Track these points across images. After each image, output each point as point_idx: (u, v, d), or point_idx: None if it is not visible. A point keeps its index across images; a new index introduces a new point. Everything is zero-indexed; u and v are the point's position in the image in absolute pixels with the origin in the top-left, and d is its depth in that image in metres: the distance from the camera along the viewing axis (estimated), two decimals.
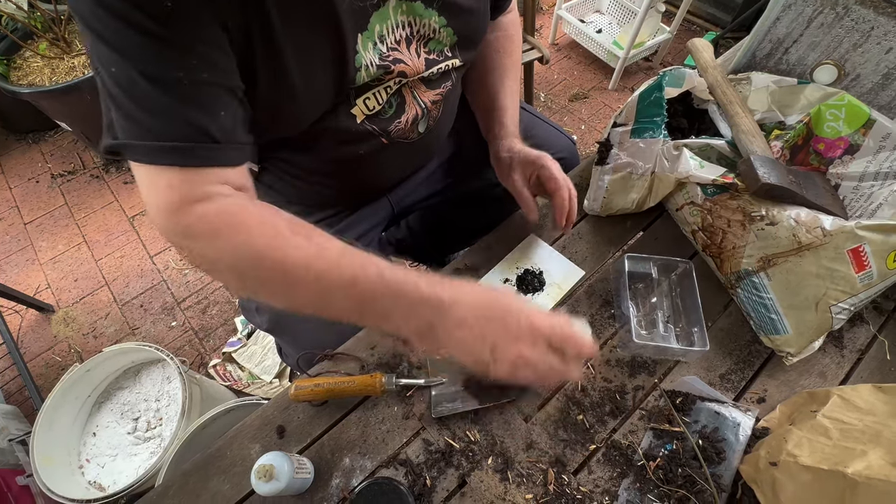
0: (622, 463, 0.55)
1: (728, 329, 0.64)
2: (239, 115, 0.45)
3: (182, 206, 0.42)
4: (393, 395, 0.60)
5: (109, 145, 0.42)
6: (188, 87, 0.40)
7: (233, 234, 0.42)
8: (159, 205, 0.42)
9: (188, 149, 0.41)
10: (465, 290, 0.44)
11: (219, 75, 0.42)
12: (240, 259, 0.43)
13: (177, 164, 0.42)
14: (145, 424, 1.15)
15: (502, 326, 0.43)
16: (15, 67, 1.71)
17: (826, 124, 0.63)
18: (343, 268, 0.43)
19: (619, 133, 0.67)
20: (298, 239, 0.44)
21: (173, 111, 0.40)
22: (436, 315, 0.43)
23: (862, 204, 0.60)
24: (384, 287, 0.43)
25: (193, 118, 0.41)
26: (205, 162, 0.43)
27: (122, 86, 0.40)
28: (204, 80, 0.41)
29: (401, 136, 0.62)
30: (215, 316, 1.55)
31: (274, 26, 0.43)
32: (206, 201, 0.43)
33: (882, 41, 0.61)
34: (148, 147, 0.41)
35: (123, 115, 0.41)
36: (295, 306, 0.45)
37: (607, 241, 0.73)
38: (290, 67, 0.46)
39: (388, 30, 0.52)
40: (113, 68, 0.39)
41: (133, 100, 0.40)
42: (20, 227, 1.79)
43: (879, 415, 0.46)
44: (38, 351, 1.51)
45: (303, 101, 0.50)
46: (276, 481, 0.47)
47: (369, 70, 0.52)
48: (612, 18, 2.22)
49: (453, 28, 0.57)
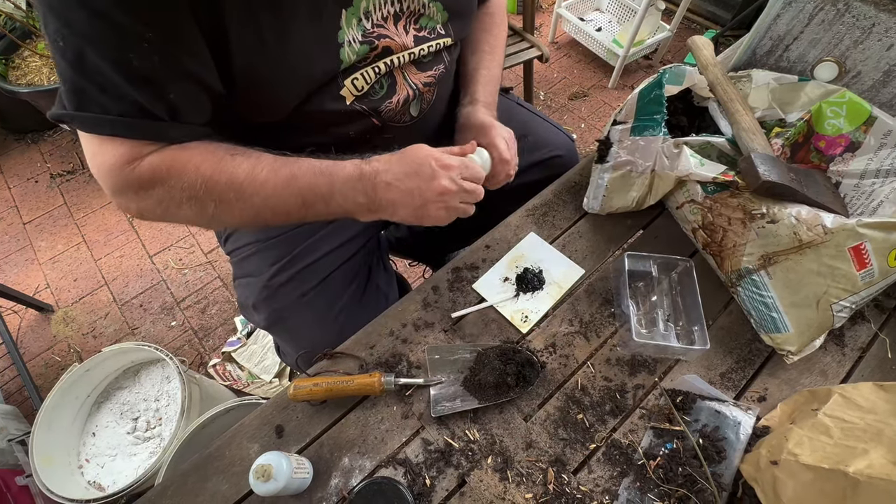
0: (622, 462, 0.55)
1: (728, 327, 0.64)
2: (194, 95, 0.47)
3: (131, 162, 0.46)
4: (392, 394, 0.59)
5: (58, 115, 0.45)
6: (138, 69, 0.41)
7: (182, 170, 0.47)
8: (108, 164, 0.46)
9: (132, 124, 0.44)
10: (384, 160, 0.52)
11: (172, 57, 0.43)
12: (195, 189, 0.48)
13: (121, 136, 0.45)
14: (145, 424, 1.15)
15: (418, 175, 0.50)
16: (13, 67, 1.71)
17: (827, 122, 0.63)
18: (280, 169, 0.49)
19: (619, 131, 0.67)
20: (238, 157, 0.49)
21: (121, 89, 0.42)
22: (368, 186, 0.51)
23: (863, 201, 0.59)
24: (319, 175, 0.50)
25: (141, 97, 0.43)
26: (148, 136, 0.46)
27: (68, 59, 0.41)
28: (154, 62, 0.42)
29: (393, 119, 0.62)
30: (215, 315, 1.55)
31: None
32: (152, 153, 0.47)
33: (883, 38, 0.61)
34: (95, 118, 0.44)
35: (71, 87, 0.43)
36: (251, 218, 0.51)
37: (607, 240, 0.73)
38: (268, 38, 0.46)
39: (375, 6, 0.52)
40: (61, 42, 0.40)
41: (82, 74, 0.41)
42: (19, 226, 1.79)
43: (881, 413, 0.46)
44: (37, 351, 1.51)
45: (283, 76, 0.49)
46: (274, 481, 0.46)
47: (352, 46, 0.51)
48: (612, 16, 2.22)
49: (443, 3, 0.57)
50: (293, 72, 0.50)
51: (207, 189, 0.48)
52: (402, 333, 0.64)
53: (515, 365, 0.59)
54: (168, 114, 0.46)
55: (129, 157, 0.46)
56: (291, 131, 0.59)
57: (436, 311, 0.66)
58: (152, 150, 0.47)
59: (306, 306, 0.70)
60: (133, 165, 0.46)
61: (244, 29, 0.45)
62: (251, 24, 0.45)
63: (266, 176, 0.49)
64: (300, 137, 0.60)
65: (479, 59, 0.72)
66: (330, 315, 0.71)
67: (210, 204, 0.49)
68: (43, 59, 1.70)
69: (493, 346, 0.62)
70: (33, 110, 1.74)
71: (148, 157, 0.47)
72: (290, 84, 0.51)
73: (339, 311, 0.71)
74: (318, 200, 0.51)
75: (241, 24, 0.45)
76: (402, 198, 0.51)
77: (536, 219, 0.75)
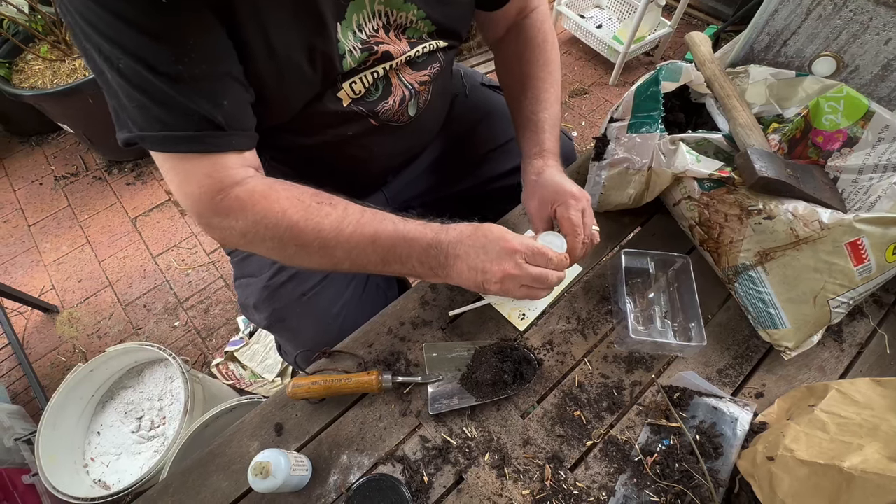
0: (619, 458, 0.55)
1: (726, 324, 0.64)
2: (242, 99, 0.48)
3: (221, 190, 0.48)
4: (390, 392, 0.60)
5: (127, 138, 0.46)
6: (188, 80, 0.42)
7: (269, 210, 0.49)
8: (197, 194, 0.48)
9: (198, 137, 0.45)
10: (459, 230, 0.53)
11: (217, 63, 0.44)
12: (279, 230, 0.49)
13: (193, 151, 0.46)
14: (149, 423, 1.16)
15: (485, 253, 0.52)
16: (17, 70, 1.72)
17: (824, 117, 0.62)
18: (365, 226, 0.51)
19: (616, 128, 0.67)
20: (326, 207, 0.51)
21: (179, 102, 0.43)
22: (441, 255, 0.52)
23: (861, 197, 0.59)
24: (399, 238, 0.51)
25: (198, 108, 0.44)
26: (216, 148, 0.47)
27: (128, 79, 0.42)
28: (203, 71, 0.43)
29: (391, 119, 0.62)
30: (217, 315, 1.56)
31: (258, 5, 0.44)
32: (239, 184, 0.49)
33: (881, 32, 0.61)
34: (163, 137, 0.45)
35: (136, 107, 0.43)
36: (330, 265, 0.53)
37: (604, 237, 0.72)
38: (277, 46, 0.47)
39: (365, 19, 0.53)
40: (121, 64, 0.41)
41: (142, 92, 0.42)
42: (24, 228, 1.80)
43: (877, 409, 0.46)
44: (43, 351, 1.52)
45: (290, 81, 0.51)
46: (272, 478, 0.47)
47: (353, 55, 0.53)
48: (613, 13, 2.21)
49: (431, 19, 0.57)
50: (300, 81, 0.51)
51: (293, 235, 0.50)
52: (401, 332, 0.65)
53: (513, 362, 0.59)
54: (227, 122, 0.46)
55: (216, 184, 0.48)
56: (289, 132, 0.60)
57: (434, 310, 0.66)
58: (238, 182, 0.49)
59: (306, 306, 0.71)
60: (221, 196, 0.48)
61: (255, 38, 0.46)
62: (260, 34, 0.46)
63: (352, 231, 0.50)
64: (298, 138, 0.61)
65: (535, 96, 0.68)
66: (330, 314, 0.71)
67: (292, 248, 0.51)
68: (46, 63, 1.71)
69: (490, 343, 0.62)
70: (37, 113, 1.75)
71: (235, 190, 0.49)
72: (295, 91, 0.52)
73: (339, 310, 0.71)
74: (396, 261, 0.52)
75: (253, 34, 0.46)
76: (467, 272, 0.52)
77: None
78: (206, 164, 0.47)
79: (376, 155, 0.69)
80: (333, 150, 0.64)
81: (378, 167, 0.74)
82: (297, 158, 0.68)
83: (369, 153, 0.68)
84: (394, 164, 0.76)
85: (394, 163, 0.76)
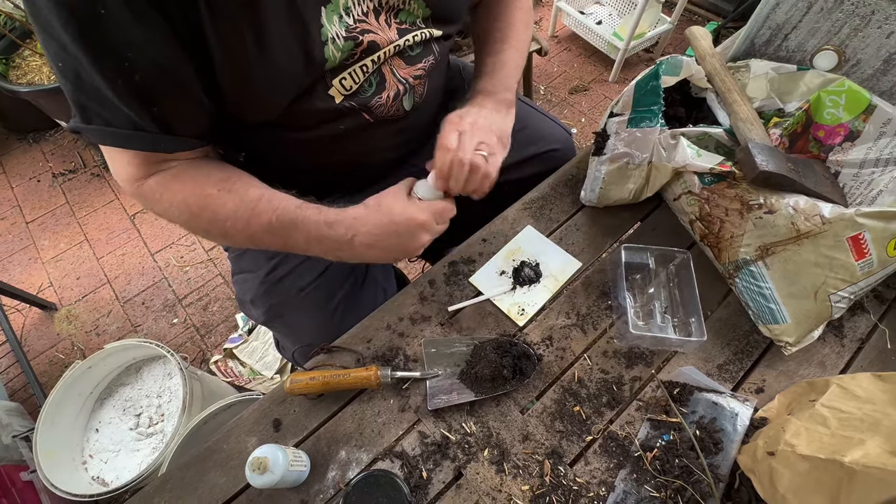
0: (619, 454, 0.55)
1: (726, 319, 0.64)
2: (181, 108, 0.49)
3: (137, 178, 0.52)
4: (389, 387, 0.60)
5: (73, 127, 0.50)
6: (122, 86, 0.44)
7: (173, 199, 0.53)
8: (121, 176, 0.53)
9: (129, 136, 0.48)
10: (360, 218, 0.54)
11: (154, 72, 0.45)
12: (185, 218, 0.54)
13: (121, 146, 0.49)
14: (147, 420, 1.16)
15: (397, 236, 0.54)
16: (14, 67, 1.71)
17: (826, 111, 0.62)
18: (260, 214, 0.53)
19: (616, 123, 0.66)
20: (224, 196, 0.53)
21: (114, 104, 0.45)
22: (341, 246, 0.54)
23: (862, 191, 0.59)
24: (293, 227, 0.53)
25: (131, 111, 0.46)
26: (145, 147, 0.50)
27: (69, 78, 0.44)
28: (136, 82, 0.44)
29: (386, 114, 0.62)
30: (216, 312, 1.56)
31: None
32: (155, 174, 0.52)
33: (883, 25, 0.60)
34: (100, 131, 0.48)
35: (75, 102, 0.47)
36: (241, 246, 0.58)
37: (604, 232, 0.72)
38: (248, 39, 0.46)
39: (354, 1, 0.52)
40: (60, 63, 0.43)
41: (82, 91, 0.45)
42: (22, 226, 1.80)
43: (878, 403, 0.46)
44: (41, 349, 1.52)
45: (269, 75, 0.49)
46: (270, 473, 0.47)
47: (337, 43, 0.51)
48: (613, 9, 2.20)
49: (426, 1, 0.57)
50: (279, 71, 0.50)
51: (196, 223, 0.54)
52: (399, 327, 0.64)
53: (512, 358, 0.59)
54: (158, 127, 0.48)
55: (135, 173, 0.52)
56: (284, 129, 0.59)
57: (432, 305, 0.66)
58: (155, 172, 0.52)
59: (304, 301, 0.70)
60: (139, 183, 0.52)
61: (224, 32, 0.45)
62: (230, 26, 0.45)
63: (247, 219, 0.53)
64: (293, 134, 0.60)
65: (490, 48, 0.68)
66: (328, 309, 0.71)
67: (200, 231, 0.56)
68: (43, 59, 1.70)
69: (489, 339, 0.62)
70: (34, 110, 1.74)
71: (150, 178, 0.52)
72: (277, 84, 0.51)
73: (336, 305, 0.71)
74: (296, 245, 0.55)
75: (220, 28, 0.45)
76: (382, 254, 0.56)
77: (533, 212, 0.75)
78: (128, 155, 0.51)
79: (374, 149, 0.69)
80: (330, 145, 0.63)
81: (377, 160, 0.73)
82: (294, 153, 0.67)
83: (366, 147, 0.67)
84: (394, 158, 0.75)
85: (393, 156, 0.75)
